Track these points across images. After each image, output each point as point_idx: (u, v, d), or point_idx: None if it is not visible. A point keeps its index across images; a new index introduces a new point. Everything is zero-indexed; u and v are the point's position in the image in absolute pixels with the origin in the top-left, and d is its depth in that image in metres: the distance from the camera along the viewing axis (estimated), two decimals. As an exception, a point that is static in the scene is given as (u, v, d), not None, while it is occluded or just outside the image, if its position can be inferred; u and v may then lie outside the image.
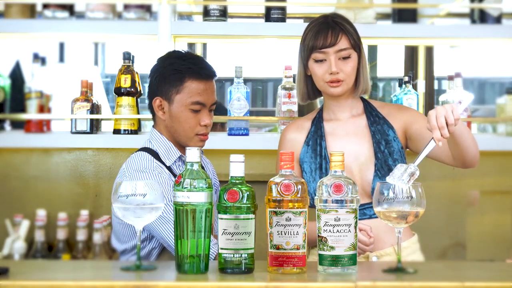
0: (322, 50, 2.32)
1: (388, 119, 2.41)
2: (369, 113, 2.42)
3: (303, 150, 2.41)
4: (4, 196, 3.23)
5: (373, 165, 2.33)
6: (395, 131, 2.38)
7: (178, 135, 2.41)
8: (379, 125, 2.39)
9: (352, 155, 2.33)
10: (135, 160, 2.38)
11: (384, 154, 2.34)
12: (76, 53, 5.74)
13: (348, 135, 2.40)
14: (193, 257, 1.84)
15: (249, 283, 1.78)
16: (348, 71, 2.34)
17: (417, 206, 1.88)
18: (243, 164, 1.87)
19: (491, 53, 5.54)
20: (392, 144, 2.36)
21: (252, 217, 1.84)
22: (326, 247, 1.86)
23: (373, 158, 2.34)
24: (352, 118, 2.42)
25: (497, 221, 3.31)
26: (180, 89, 2.38)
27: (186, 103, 2.38)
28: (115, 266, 1.95)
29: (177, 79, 2.38)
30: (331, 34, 2.32)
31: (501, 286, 1.78)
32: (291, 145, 2.43)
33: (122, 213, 1.89)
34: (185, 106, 2.38)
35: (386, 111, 2.44)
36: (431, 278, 1.86)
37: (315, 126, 2.44)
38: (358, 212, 2.25)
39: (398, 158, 2.34)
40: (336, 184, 1.86)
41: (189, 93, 2.38)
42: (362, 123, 2.41)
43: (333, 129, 2.42)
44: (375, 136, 2.37)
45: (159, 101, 2.42)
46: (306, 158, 2.39)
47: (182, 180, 1.84)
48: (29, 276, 1.85)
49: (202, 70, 2.40)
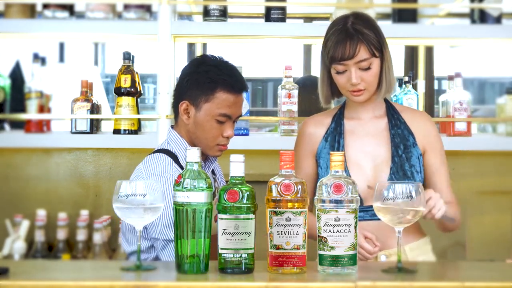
0: (341, 62, 2.27)
1: (409, 125, 2.37)
2: (391, 116, 2.38)
3: (321, 145, 2.38)
4: (4, 196, 3.23)
5: (389, 168, 2.29)
6: (415, 138, 2.35)
7: (199, 142, 2.39)
8: (400, 129, 2.36)
9: (369, 156, 2.31)
10: (154, 162, 2.35)
11: (401, 158, 2.30)
12: (76, 53, 5.75)
13: (367, 136, 2.37)
14: (193, 257, 1.84)
15: (249, 283, 1.78)
16: (370, 80, 2.28)
17: (417, 206, 1.88)
18: (243, 164, 1.87)
19: (491, 53, 5.54)
20: (410, 149, 2.32)
21: (252, 217, 1.84)
22: (326, 247, 1.86)
23: (390, 161, 2.30)
24: (374, 118, 2.39)
25: (497, 221, 3.31)
26: (210, 98, 2.36)
27: (213, 113, 2.36)
28: (115, 266, 1.95)
29: (209, 88, 2.36)
30: (349, 45, 2.25)
31: (501, 286, 1.78)
32: (309, 139, 2.40)
33: (122, 213, 1.89)
34: (212, 116, 2.36)
35: (408, 117, 2.39)
36: (431, 278, 1.86)
37: (335, 123, 2.40)
38: (368, 214, 2.26)
39: (415, 164, 2.31)
40: (336, 184, 1.86)
41: (219, 104, 2.36)
42: (382, 125, 2.37)
43: (353, 128, 2.38)
44: (394, 140, 2.34)
45: (186, 105, 2.39)
46: (323, 153, 2.37)
47: (182, 180, 1.84)
48: (29, 276, 1.85)
49: (235, 84, 2.38)
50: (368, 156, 2.31)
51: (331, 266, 1.85)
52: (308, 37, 3.40)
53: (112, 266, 2.02)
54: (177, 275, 1.84)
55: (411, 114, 2.42)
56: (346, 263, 1.85)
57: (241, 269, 1.82)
